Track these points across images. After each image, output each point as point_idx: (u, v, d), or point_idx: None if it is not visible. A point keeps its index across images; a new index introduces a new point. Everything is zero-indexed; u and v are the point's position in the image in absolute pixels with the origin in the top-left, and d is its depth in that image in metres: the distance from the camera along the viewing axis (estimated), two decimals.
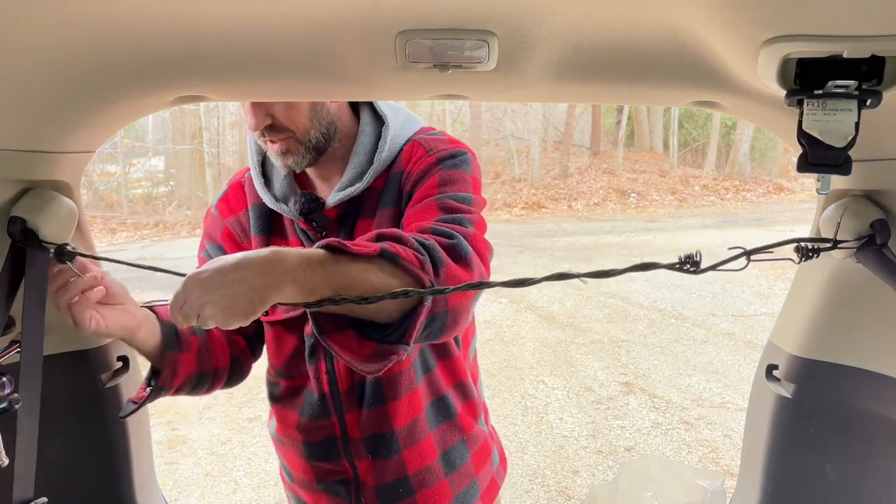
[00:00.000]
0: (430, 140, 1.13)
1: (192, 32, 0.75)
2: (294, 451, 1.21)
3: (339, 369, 1.13)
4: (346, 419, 1.15)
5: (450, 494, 1.21)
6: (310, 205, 1.11)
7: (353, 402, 1.14)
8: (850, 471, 1.17)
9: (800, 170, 0.74)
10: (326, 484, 1.20)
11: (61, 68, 0.81)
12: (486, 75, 0.85)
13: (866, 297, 1.06)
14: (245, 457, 3.71)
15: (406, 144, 1.14)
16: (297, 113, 1.07)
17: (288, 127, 1.06)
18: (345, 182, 1.11)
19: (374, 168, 1.11)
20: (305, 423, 1.17)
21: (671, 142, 17.84)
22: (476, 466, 1.26)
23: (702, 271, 0.80)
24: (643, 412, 4.19)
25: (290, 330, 1.16)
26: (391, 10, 0.69)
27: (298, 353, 1.16)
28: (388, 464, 1.16)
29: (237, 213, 1.20)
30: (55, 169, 1.01)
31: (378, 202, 1.11)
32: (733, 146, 17.45)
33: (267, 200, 1.14)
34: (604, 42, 0.78)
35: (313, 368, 1.15)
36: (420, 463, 1.17)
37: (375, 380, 1.13)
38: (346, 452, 1.16)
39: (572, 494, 3.28)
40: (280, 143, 1.07)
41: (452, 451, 1.21)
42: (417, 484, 1.18)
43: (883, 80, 0.67)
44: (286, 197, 1.14)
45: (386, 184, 1.12)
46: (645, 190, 15.50)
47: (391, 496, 1.17)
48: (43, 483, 0.96)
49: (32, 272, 0.95)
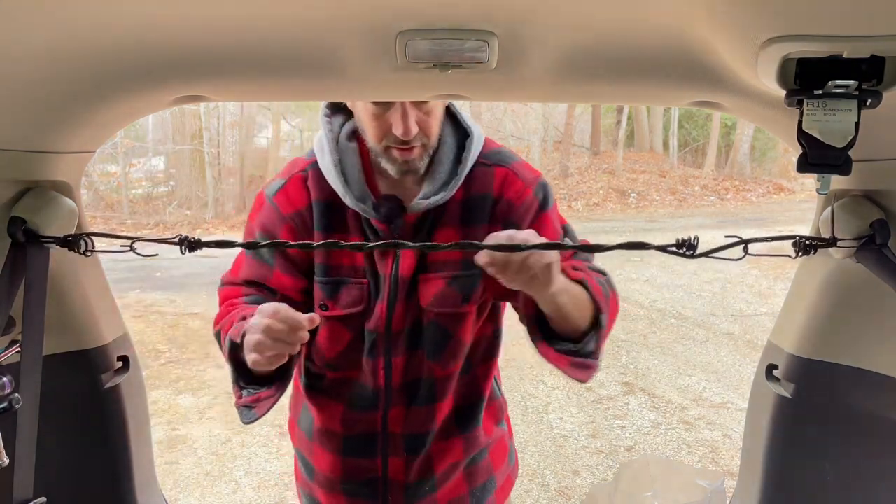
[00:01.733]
0: (519, 167, 1.19)
1: (191, 32, 0.75)
2: (328, 447, 1.22)
3: (396, 365, 1.16)
4: (389, 414, 1.18)
5: (466, 488, 1.25)
6: (395, 210, 1.12)
7: (403, 398, 1.17)
8: (850, 471, 1.17)
9: (800, 170, 0.74)
10: (351, 485, 1.22)
11: (61, 68, 0.81)
12: (486, 75, 0.85)
13: (866, 297, 1.06)
14: (245, 457, 3.71)
15: (495, 166, 1.17)
16: (436, 121, 1.10)
17: (426, 134, 1.08)
18: (429, 191, 1.12)
19: (458, 179, 1.13)
20: (350, 415, 1.19)
21: (671, 142, 17.82)
22: (494, 464, 1.30)
23: (697, 256, 0.80)
24: (643, 412, 4.19)
25: (348, 324, 1.16)
26: (391, 10, 0.69)
27: (353, 346, 1.17)
28: (419, 461, 1.20)
29: (300, 209, 1.17)
30: (55, 169, 1.01)
31: (461, 216, 1.14)
32: (733, 146, 17.44)
33: (347, 200, 1.12)
34: (604, 42, 0.78)
35: (372, 363, 1.16)
36: (447, 462, 1.22)
37: (431, 379, 1.17)
38: (382, 449, 1.19)
39: (572, 494, 3.28)
40: (412, 150, 1.08)
41: (475, 451, 1.26)
42: (440, 481, 1.22)
43: (883, 80, 0.67)
44: (363, 197, 1.12)
45: (469, 198, 1.15)
46: (645, 190, 15.49)
47: (417, 494, 1.21)
48: (43, 483, 0.96)
49: (32, 272, 0.95)
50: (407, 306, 1.14)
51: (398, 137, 1.05)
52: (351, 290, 1.14)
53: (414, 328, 1.15)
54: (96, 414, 1.20)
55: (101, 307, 1.20)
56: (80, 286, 1.13)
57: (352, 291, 1.14)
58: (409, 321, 1.15)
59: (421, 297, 1.13)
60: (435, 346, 1.15)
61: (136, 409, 1.28)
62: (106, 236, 1.00)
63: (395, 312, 1.14)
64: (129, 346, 1.28)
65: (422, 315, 1.15)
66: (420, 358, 1.16)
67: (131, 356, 1.27)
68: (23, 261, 0.94)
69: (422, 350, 1.16)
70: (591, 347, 1.03)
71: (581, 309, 1.03)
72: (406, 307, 1.14)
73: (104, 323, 1.20)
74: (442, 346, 1.16)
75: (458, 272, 1.13)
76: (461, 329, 1.16)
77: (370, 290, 1.14)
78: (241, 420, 1.07)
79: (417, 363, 1.16)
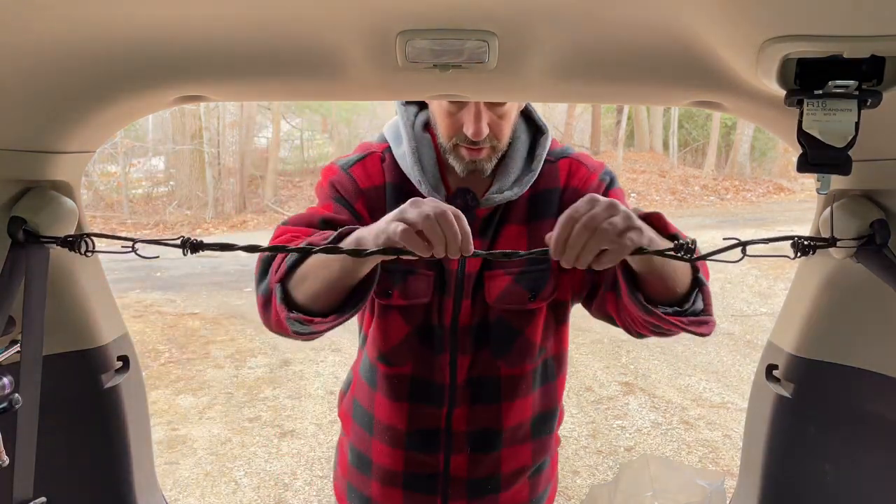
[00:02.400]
0: (583, 157, 1.20)
1: (192, 32, 0.75)
2: (389, 442, 1.21)
3: (462, 363, 1.15)
4: (454, 412, 1.17)
5: (527, 496, 1.25)
6: (470, 203, 1.11)
7: (467, 396, 1.16)
8: (850, 471, 1.16)
9: (800, 170, 0.74)
10: (411, 478, 1.21)
11: (61, 68, 0.81)
12: (486, 75, 0.85)
13: (866, 297, 1.06)
14: (245, 457, 3.71)
15: (559, 159, 1.17)
16: (508, 124, 1.09)
17: (496, 137, 1.08)
18: (503, 186, 1.12)
19: (531, 175, 1.13)
20: (412, 412, 1.18)
21: (671, 142, 17.81)
22: (551, 472, 1.32)
23: (695, 259, 0.80)
24: (643, 412, 4.19)
25: (408, 316, 1.15)
26: (391, 10, 0.69)
27: (410, 340, 1.16)
28: (486, 459, 1.19)
29: (377, 185, 1.15)
30: (55, 169, 1.01)
31: (530, 211, 1.14)
32: (733, 146, 17.43)
33: (423, 188, 1.11)
34: (604, 42, 0.78)
35: (437, 359, 1.15)
36: (514, 464, 1.21)
37: (496, 377, 1.16)
38: (445, 445, 1.18)
39: (572, 494, 3.28)
40: (481, 151, 1.08)
41: (542, 459, 1.26)
42: (506, 483, 1.21)
43: (883, 80, 0.67)
44: (437, 188, 1.13)
45: (536, 193, 1.15)
46: (645, 190, 15.48)
47: (480, 490, 1.20)
48: (43, 483, 0.96)
49: (32, 272, 0.95)
50: (473, 303, 1.13)
51: (468, 137, 1.05)
52: (418, 281, 1.13)
53: (481, 325, 1.14)
54: (96, 414, 1.20)
55: (101, 307, 1.19)
56: (79, 286, 1.13)
57: (419, 282, 1.13)
58: (476, 318, 1.14)
59: (487, 293, 1.13)
60: (502, 344, 1.14)
61: (136, 409, 1.28)
62: (106, 237, 1.00)
63: (461, 308, 1.13)
64: (128, 346, 1.28)
65: (489, 312, 1.14)
66: (486, 356, 1.15)
67: (131, 356, 1.27)
68: (23, 261, 0.94)
69: (488, 348, 1.15)
70: (700, 306, 0.95)
71: (677, 267, 0.92)
72: (473, 304, 1.13)
73: (104, 323, 1.20)
74: (509, 345, 1.15)
75: (524, 268, 1.12)
76: (530, 327, 1.15)
77: (436, 283, 1.13)
78: (292, 329, 0.95)
79: (484, 361, 1.15)
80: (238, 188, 14.50)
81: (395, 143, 1.16)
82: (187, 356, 5.26)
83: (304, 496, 3.31)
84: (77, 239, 0.95)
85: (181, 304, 6.67)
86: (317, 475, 3.50)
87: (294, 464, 3.62)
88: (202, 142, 14.41)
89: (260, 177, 15.06)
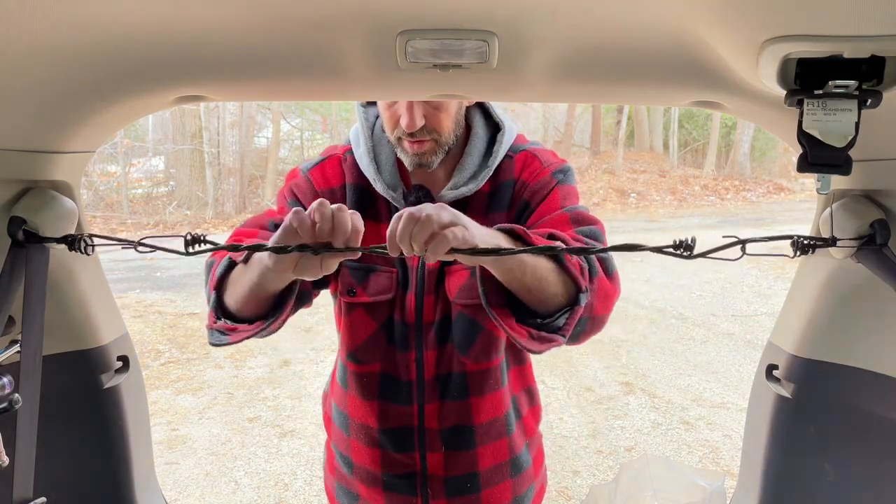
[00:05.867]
0: (541, 152, 1.19)
1: (191, 33, 0.75)
2: (365, 441, 1.22)
3: (428, 359, 1.16)
4: (425, 409, 1.17)
5: (510, 495, 1.24)
6: (424, 199, 1.13)
7: (436, 392, 1.17)
8: (850, 471, 1.16)
9: (800, 170, 0.74)
10: (391, 478, 1.21)
11: (61, 68, 0.81)
12: (486, 75, 0.86)
13: (866, 297, 1.06)
14: (245, 457, 3.71)
15: (517, 153, 1.18)
16: (447, 117, 1.10)
17: (436, 129, 1.10)
18: (458, 181, 1.14)
19: (487, 171, 1.15)
20: (383, 409, 1.19)
21: (671, 142, 17.82)
22: (535, 471, 1.30)
23: (694, 256, 0.80)
24: (643, 412, 4.19)
25: (374, 313, 1.16)
26: (391, 10, 0.69)
27: (377, 337, 1.17)
28: (462, 456, 1.19)
29: (333, 187, 1.19)
30: (55, 169, 1.01)
31: (487, 205, 1.15)
32: (733, 146, 17.43)
33: (378, 187, 1.15)
34: (604, 42, 0.78)
35: (403, 356, 1.16)
36: (491, 461, 1.21)
37: (462, 373, 1.16)
38: (419, 444, 1.18)
39: (572, 494, 3.27)
40: (423, 143, 1.10)
41: (520, 455, 1.25)
42: (485, 481, 1.21)
43: (883, 80, 0.67)
44: (394, 186, 1.15)
45: (494, 188, 1.16)
46: (645, 190, 15.48)
47: (460, 489, 1.20)
48: (43, 483, 0.96)
49: (32, 272, 0.95)
50: (436, 298, 1.14)
51: (404, 129, 1.07)
52: (380, 278, 1.15)
53: (444, 321, 1.15)
54: (96, 414, 1.20)
55: (101, 307, 1.19)
56: (79, 286, 1.13)
57: (381, 279, 1.15)
58: (439, 314, 1.15)
59: (448, 289, 1.13)
60: (465, 338, 1.15)
61: (136, 409, 1.28)
62: (106, 238, 1.00)
63: (424, 304, 1.14)
64: (128, 346, 1.28)
65: (450, 307, 1.15)
66: (451, 351, 1.16)
67: (131, 356, 1.27)
68: (23, 261, 0.94)
69: (451, 343, 1.16)
70: (559, 323, 0.94)
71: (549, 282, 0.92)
72: (435, 299, 1.14)
73: (104, 323, 1.20)
74: (471, 339, 1.15)
75: None
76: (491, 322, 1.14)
77: (399, 280, 1.15)
78: (209, 341, 0.98)
79: (449, 357, 1.16)
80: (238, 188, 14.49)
81: (355, 145, 1.20)
82: (187, 356, 5.26)
83: (304, 496, 3.31)
84: (77, 238, 0.95)
85: (181, 304, 6.67)
86: (317, 475, 3.50)
87: (294, 464, 3.62)
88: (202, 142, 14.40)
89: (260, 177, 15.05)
